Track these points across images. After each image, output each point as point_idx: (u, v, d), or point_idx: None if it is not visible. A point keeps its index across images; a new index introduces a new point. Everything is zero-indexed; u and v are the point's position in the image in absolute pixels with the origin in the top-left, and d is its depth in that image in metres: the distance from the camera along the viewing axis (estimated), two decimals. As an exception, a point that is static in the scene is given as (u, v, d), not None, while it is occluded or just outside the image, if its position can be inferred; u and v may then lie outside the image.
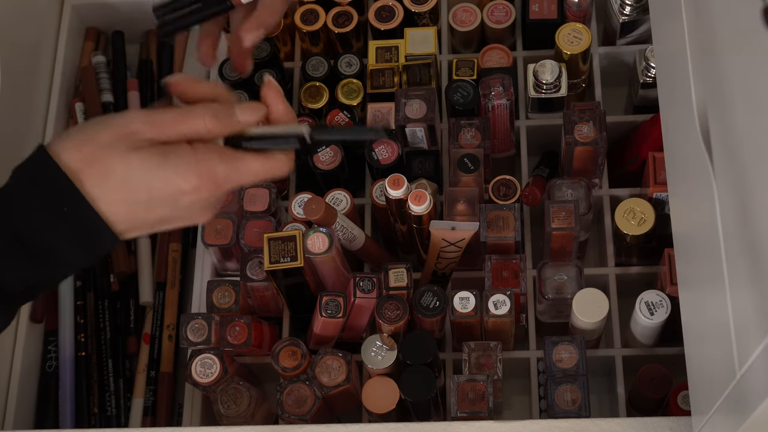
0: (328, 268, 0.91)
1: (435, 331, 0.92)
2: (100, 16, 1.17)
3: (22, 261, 0.69)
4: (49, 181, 0.68)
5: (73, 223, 0.68)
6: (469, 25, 1.06)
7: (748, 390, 0.58)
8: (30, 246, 0.68)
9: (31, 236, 0.68)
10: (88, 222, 0.69)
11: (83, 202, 0.68)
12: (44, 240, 0.68)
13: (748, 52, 0.57)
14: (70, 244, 0.69)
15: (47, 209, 0.68)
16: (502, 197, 0.97)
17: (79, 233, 0.69)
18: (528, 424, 0.80)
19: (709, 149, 0.66)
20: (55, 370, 1.05)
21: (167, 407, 1.05)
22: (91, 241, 0.70)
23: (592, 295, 0.90)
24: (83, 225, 0.69)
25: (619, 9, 1.04)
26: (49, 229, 0.68)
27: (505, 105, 0.98)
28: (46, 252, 0.69)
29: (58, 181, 0.68)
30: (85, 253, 0.70)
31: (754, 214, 0.57)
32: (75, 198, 0.68)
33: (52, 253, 0.69)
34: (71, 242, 0.69)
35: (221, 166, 0.71)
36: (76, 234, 0.69)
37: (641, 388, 0.92)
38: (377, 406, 0.88)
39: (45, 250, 0.69)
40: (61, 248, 0.69)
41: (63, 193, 0.68)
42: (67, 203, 0.68)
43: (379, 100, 1.01)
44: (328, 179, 1.00)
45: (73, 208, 0.68)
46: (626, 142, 1.05)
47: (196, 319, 0.92)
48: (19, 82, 1.05)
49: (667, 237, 0.87)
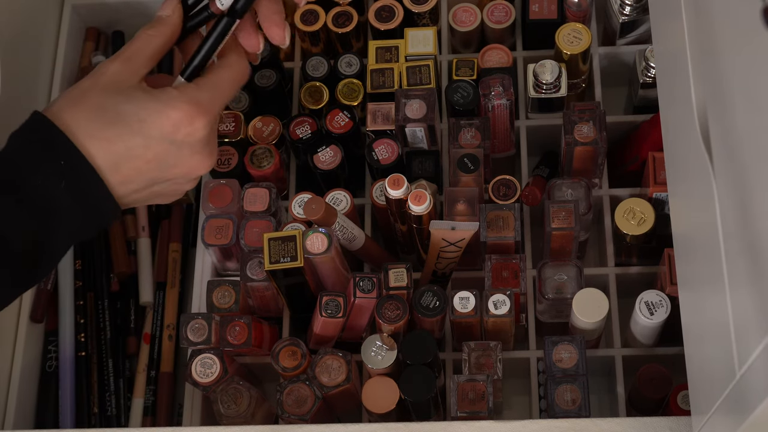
0: (327, 268, 0.91)
1: (435, 331, 0.92)
2: (100, 16, 1.17)
3: (21, 213, 0.70)
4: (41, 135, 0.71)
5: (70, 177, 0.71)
6: (469, 25, 1.06)
7: (748, 390, 0.58)
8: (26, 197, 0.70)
9: (27, 188, 0.70)
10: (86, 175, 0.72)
11: (78, 154, 0.71)
12: (40, 191, 0.70)
13: (748, 52, 0.57)
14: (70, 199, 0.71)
15: (41, 161, 0.71)
16: (502, 197, 0.97)
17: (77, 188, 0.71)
18: (528, 424, 0.81)
19: (709, 149, 0.66)
20: (55, 370, 1.05)
21: (167, 407, 1.05)
22: (87, 196, 0.72)
23: (592, 295, 0.90)
24: (81, 179, 0.71)
25: (619, 9, 1.04)
26: (44, 181, 0.70)
27: (505, 105, 0.98)
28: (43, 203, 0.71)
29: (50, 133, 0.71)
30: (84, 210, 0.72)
31: (754, 214, 0.57)
32: (68, 148, 0.71)
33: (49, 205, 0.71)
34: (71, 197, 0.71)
35: (202, 92, 0.76)
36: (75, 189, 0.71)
37: (641, 388, 0.92)
38: (377, 406, 0.88)
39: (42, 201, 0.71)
40: (58, 198, 0.71)
41: (56, 145, 0.71)
42: (62, 157, 0.71)
43: (379, 100, 1.01)
44: (328, 179, 1.00)
45: (69, 160, 0.71)
46: (626, 142, 1.05)
47: (196, 319, 0.92)
48: (19, 82, 1.05)
49: (667, 237, 0.87)
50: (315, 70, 1.05)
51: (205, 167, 0.78)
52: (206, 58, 0.79)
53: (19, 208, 0.70)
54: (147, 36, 0.76)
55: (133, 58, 0.75)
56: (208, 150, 0.77)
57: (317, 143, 0.99)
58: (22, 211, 0.70)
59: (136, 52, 0.76)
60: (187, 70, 0.79)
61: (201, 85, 0.76)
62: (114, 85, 0.74)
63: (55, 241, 0.73)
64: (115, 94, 0.73)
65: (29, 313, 1.04)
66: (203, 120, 0.75)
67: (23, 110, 1.07)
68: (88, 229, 0.74)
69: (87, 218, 0.73)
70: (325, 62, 1.05)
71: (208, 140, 0.77)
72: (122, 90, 0.74)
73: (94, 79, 0.74)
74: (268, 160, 1.00)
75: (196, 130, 0.75)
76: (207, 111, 0.75)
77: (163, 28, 0.77)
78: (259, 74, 1.04)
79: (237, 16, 0.78)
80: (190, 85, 0.76)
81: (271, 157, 1.00)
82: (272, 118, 1.03)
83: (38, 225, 0.71)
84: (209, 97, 0.76)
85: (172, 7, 0.78)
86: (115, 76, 0.74)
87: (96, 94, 0.73)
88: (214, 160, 0.78)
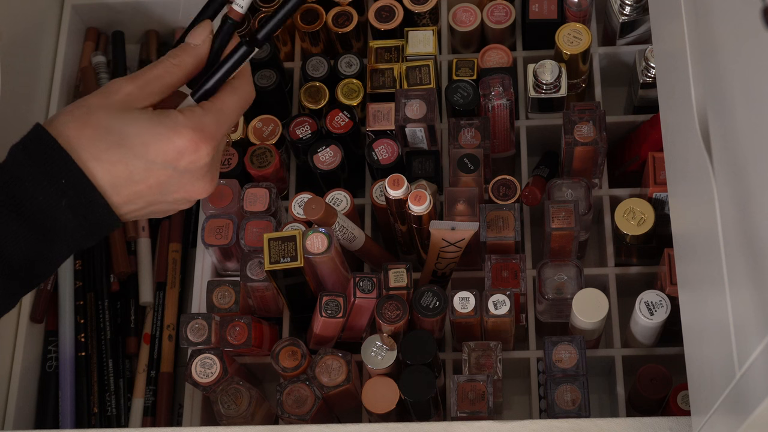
0: (327, 268, 0.91)
1: (435, 331, 0.92)
2: (100, 16, 1.17)
3: (21, 229, 0.69)
4: (43, 151, 0.70)
5: (71, 195, 0.70)
6: (469, 25, 1.06)
7: (748, 390, 0.58)
8: (27, 213, 0.69)
9: (28, 204, 0.69)
10: (87, 194, 0.70)
11: (79, 173, 0.70)
12: (41, 208, 0.69)
13: (748, 52, 0.57)
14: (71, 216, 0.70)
15: (43, 179, 0.69)
16: (502, 197, 0.97)
17: (78, 206, 0.70)
18: (528, 424, 0.81)
19: (708, 149, 0.66)
20: (55, 370, 1.05)
21: (167, 407, 1.05)
22: (88, 214, 0.71)
23: (592, 295, 0.90)
24: (82, 197, 0.70)
25: (619, 9, 1.04)
26: (46, 198, 0.69)
27: (505, 105, 0.98)
28: (44, 220, 0.70)
29: (53, 150, 0.70)
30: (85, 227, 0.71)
31: (754, 214, 0.57)
32: (70, 167, 0.70)
33: (50, 223, 0.70)
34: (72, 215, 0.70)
35: (207, 117, 0.74)
36: (76, 206, 0.70)
37: (641, 388, 0.92)
38: (377, 406, 0.88)
39: (43, 218, 0.69)
40: (58, 217, 0.70)
41: (58, 163, 0.70)
42: (64, 175, 0.70)
43: (379, 100, 1.01)
44: (328, 179, 1.00)
45: (70, 179, 0.70)
46: (626, 142, 1.05)
47: (196, 319, 0.92)
48: (19, 82, 1.05)
49: (667, 237, 0.87)
50: (315, 70, 1.05)
51: (205, 192, 0.77)
52: (219, 83, 0.76)
53: (20, 224, 0.69)
54: (170, 65, 0.74)
55: (149, 85, 0.73)
56: (209, 176, 0.76)
57: (317, 143, 0.99)
58: (23, 228, 0.69)
59: (153, 80, 0.74)
60: (197, 93, 0.77)
61: (207, 110, 0.75)
62: (123, 105, 0.72)
63: (54, 254, 0.72)
64: (121, 115, 0.72)
65: (29, 313, 1.04)
66: (207, 147, 0.74)
67: (23, 110, 1.08)
68: (88, 241, 0.73)
69: (87, 234, 0.72)
70: (325, 62, 1.05)
71: (211, 166, 0.76)
72: (129, 112, 0.72)
73: (104, 97, 0.73)
74: (268, 160, 1.00)
75: (200, 158, 0.74)
76: (211, 137, 0.74)
77: (188, 60, 0.75)
78: (259, 74, 1.04)
79: (257, 44, 0.77)
80: (197, 109, 0.74)
81: (271, 157, 1.00)
82: (272, 118, 1.03)
83: (38, 241, 0.70)
84: (215, 123, 0.74)
85: (203, 38, 0.76)
86: (126, 98, 0.73)
87: (103, 113, 0.72)
88: (215, 185, 0.77)
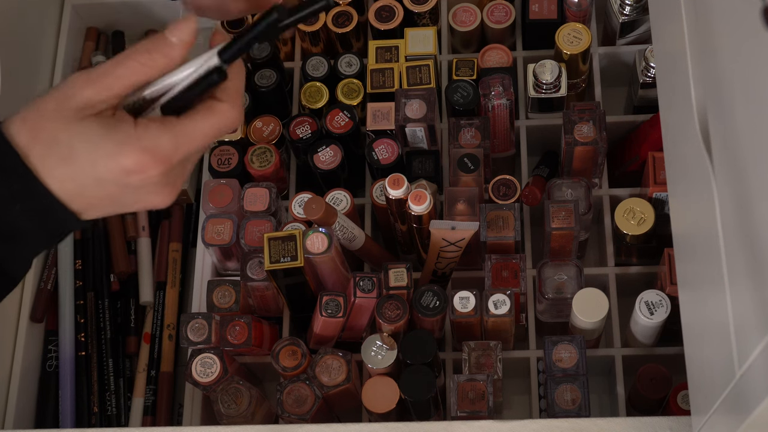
0: (327, 268, 0.91)
1: (435, 331, 0.92)
2: (100, 16, 1.17)
3: None
4: None
5: (26, 201, 0.66)
6: (469, 25, 1.06)
7: (748, 390, 0.59)
8: None
9: None
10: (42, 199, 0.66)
11: (33, 179, 0.65)
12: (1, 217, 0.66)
13: (748, 52, 0.57)
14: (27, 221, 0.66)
15: None
16: (502, 197, 0.97)
17: (34, 211, 0.66)
18: (528, 424, 0.81)
19: (708, 149, 0.66)
20: (55, 370, 1.06)
21: (167, 407, 1.05)
22: (46, 218, 0.67)
23: (592, 295, 0.90)
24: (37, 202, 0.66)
25: (619, 9, 1.04)
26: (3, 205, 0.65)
27: (505, 105, 0.98)
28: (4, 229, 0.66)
29: (8, 157, 0.65)
30: (45, 230, 0.67)
31: (754, 214, 0.57)
32: (25, 175, 0.65)
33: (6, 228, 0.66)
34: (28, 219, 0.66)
35: (165, 137, 0.65)
36: (31, 211, 0.66)
37: (641, 388, 0.92)
38: (377, 405, 0.88)
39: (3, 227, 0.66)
40: (20, 226, 0.66)
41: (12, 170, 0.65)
42: (16, 181, 0.65)
43: (379, 100, 1.01)
44: (328, 179, 1.00)
45: (23, 184, 0.65)
46: (626, 142, 1.05)
47: (196, 319, 0.92)
48: (19, 82, 1.05)
49: (667, 237, 0.87)
50: (315, 70, 1.05)
51: (164, 203, 0.69)
52: (184, 101, 0.66)
53: None
54: (137, 66, 0.65)
55: (109, 89, 0.65)
56: (167, 189, 0.68)
57: (317, 143, 0.99)
58: None
59: (114, 82, 0.65)
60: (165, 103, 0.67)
61: (167, 129, 0.65)
62: (77, 113, 0.65)
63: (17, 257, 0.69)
64: (72, 126, 0.65)
65: (29, 313, 1.04)
66: (157, 170, 0.65)
67: (23, 110, 1.08)
68: (52, 243, 0.70)
69: (48, 236, 0.68)
70: (325, 62, 1.05)
71: (167, 181, 0.67)
72: (81, 122, 0.65)
73: (60, 101, 0.65)
74: (268, 160, 1.00)
75: (149, 177, 0.66)
76: (163, 160, 0.65)
77: (159, 60, 0.65)
78: (259, 74, 1.04)
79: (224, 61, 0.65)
80: (154, 125, 0.65)
81: (271, 157, 1.00)
82: (272, 118, 1.03)
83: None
84: (171, 146, 0.65)
85: (183, 37, 0.65)
86: (82, 104, 0.65)
87: (55, 123, 0.65)
88: (174, 195, 0.69)
